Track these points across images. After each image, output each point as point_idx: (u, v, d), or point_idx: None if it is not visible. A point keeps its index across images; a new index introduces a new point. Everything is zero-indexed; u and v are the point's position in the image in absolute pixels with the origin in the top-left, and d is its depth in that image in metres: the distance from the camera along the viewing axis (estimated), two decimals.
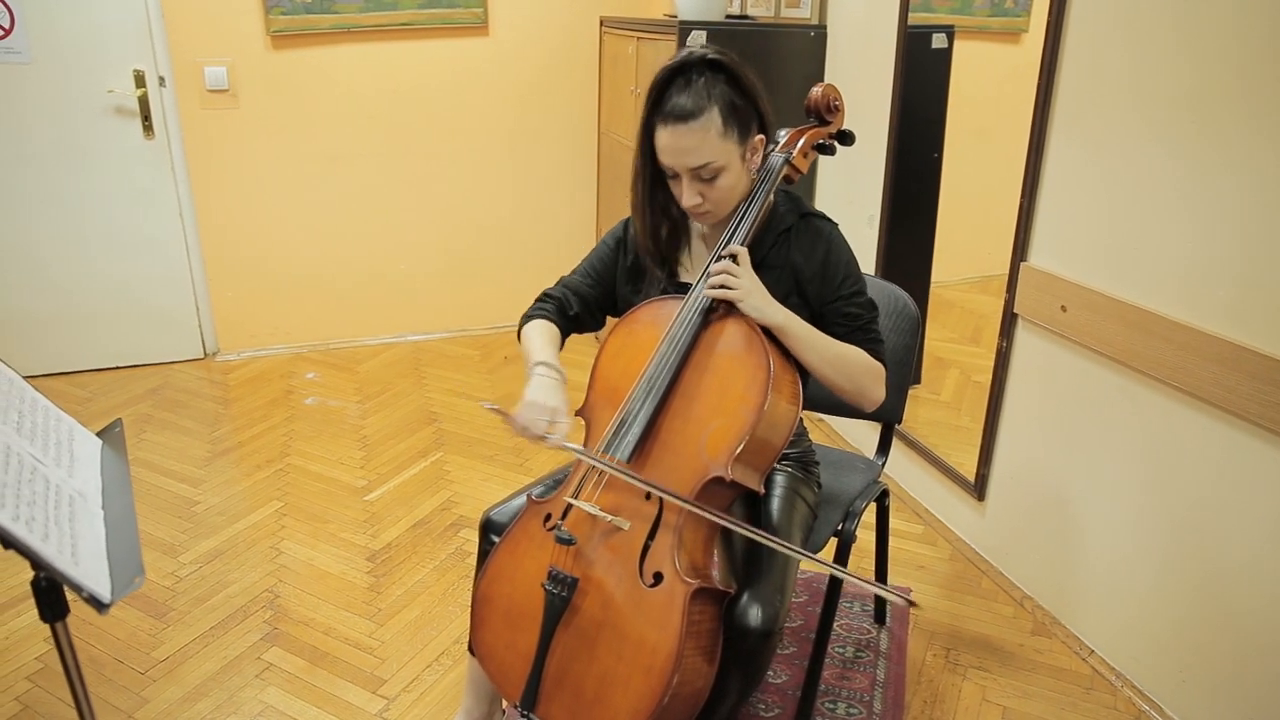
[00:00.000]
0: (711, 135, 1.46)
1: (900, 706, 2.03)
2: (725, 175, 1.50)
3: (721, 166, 1.49)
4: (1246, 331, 1.71)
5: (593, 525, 1.47)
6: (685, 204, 1.53)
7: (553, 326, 1.68)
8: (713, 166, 1.48)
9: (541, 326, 1.67)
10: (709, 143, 1.46)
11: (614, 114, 3.89)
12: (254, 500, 2.85)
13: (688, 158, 1.47)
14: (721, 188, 1.51)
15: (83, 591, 1.00)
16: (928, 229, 2.84)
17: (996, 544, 2.51)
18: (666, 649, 1.35)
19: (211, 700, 2.02)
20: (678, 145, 1.47)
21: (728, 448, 1.43)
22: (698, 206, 1.53)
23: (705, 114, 1.45)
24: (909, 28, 2.66)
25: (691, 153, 1.47)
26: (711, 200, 1.52)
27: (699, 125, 1.45)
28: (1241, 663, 1.81)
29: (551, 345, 1.64)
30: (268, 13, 3.56)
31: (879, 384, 1.58)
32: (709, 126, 1.45)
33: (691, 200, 1.52)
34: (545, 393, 1.52)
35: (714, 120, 1.46)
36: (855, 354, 1.56)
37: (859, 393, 1.57)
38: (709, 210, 1.54)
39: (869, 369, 1.56)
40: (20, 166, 3.46)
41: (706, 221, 1.60)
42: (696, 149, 1.46)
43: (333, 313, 4.09)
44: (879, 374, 1.58)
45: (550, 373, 1.56)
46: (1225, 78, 1.70)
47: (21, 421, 1.19)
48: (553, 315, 1.70)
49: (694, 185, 1.50)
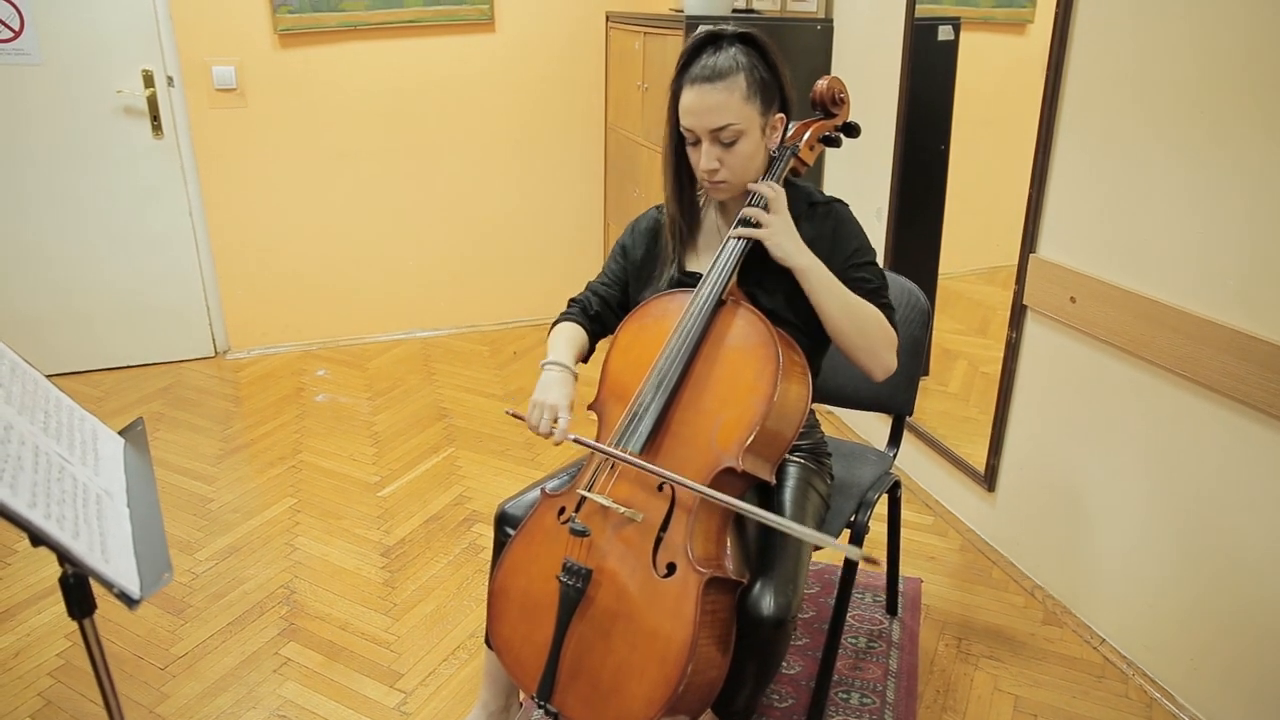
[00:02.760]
0: (736, 97, 1.48)
1: (913, 696, 2.04)
2: (744, 141, 1.51)
3: (742, 130, 1.50)
4: (1255, 321, 1.72)
5: (606, 517, 1.49)
6: (703, 167, 1.54)
7: (576, 327, 1.72)
8: (733, 129, 1.50)
9: (563, 329, 1.71)
10: (732, 104, 1.48)
11: (621, 109, 3.90)
12: (268, 497, 2.87)
13: (710, 117, 1.49)
14: (740, 154, 1.52)
15: (113, 588, 1.02)
16: (935, 221, 2.84)
17: (1007, 534, 2.52)
18: (681, 638, 1.37)
19: (231, 695, 2.05)
20: (702, 104, 1.49)
21: (738, 439, 1.44)
22: (714, 173, 1.54)
23: (732, 76, 1.48)
24: (915, 20, 2.67)
25: (714, 112, 1.49)
26: (729, 167, 1.53)
27: (724, 85, 1.48)
28: (1252, 650, 1.82)
29: (567, 344, 1.67)
30: (275, 11, 3.57)
31: (891, 349, 1.58)
32: (734, 88, 1.48)
33: (709, 164, 1.53)
34: (547, 390, 1.56)
35: (739, 84, 1.48)
36: (871, 310, 1.56)
37: (872, 351, 1.55)
38: (725, 180, 1.55)
39: (883, 329, 1.57)
40: (30, 167, 3.48)
41: (722, 194, 1.61)
42: (719, 109, 1.48)
43: (342, 310, 4.11)
44: (892, 338, 1.58)
45: (555, 370, 1.60)
46: (1232, 68, 1.71)
47: (48, 421, 1.21)
48: (576, 317, 1.74)
49: (713, 149, 1.52)
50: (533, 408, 1.55)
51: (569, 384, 1.59)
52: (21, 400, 1.19)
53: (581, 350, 1.71)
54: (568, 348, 1.66)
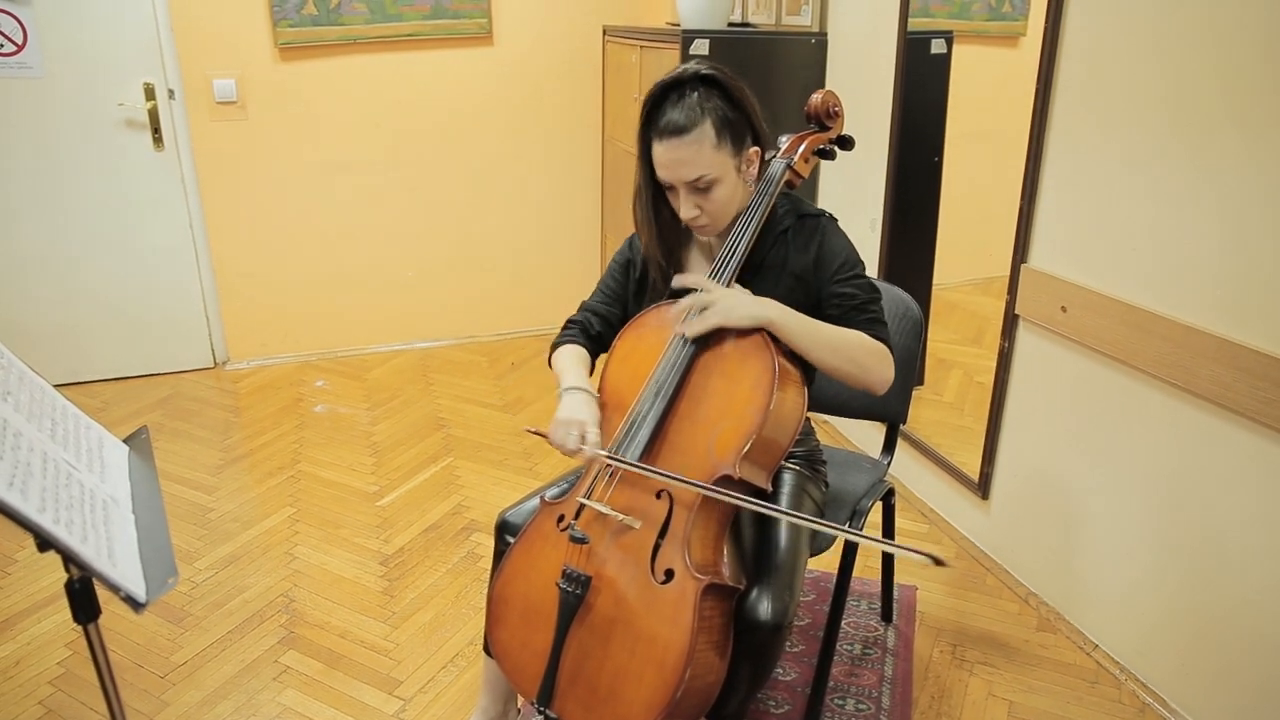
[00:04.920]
0: (705, 148, 1.50)
1: (908, 702, 2.06)
2: (720, 187, 1.54)
3: (716, 179, 1.53)
4: (1243, 329, 1.75)
5: (605, 524, 1.51)
6: (683, 216, 1.58)
7: (579, 349, 1.74)
8: (707, 179, 1.52)
9: (569, 351, 1.73)
10: (703, 155, 1.50)
11: (618, 122, 3.93)
12: (267, 506, 2.89)
13: (682, 170, 1.52)
14: (717, 200, 1.55)
15: (120, 592, 1.04)
16: (929, 232, 2.87)
17: (1001, 542, 2.54)
18: (679, 644, 1.38)
19: (231, 703, 2.06)
20: (672, 158, 1.51)
21: (735, 447, 1.46)
22: (695, 219, 1.57)
23: (698, 128, 1.49)
24: (908, 34, 2.70)
25: (686, 165, 1.51)
26: (708, 212, 1.57)
27: (691, 139, 1.49)
28: (1242, 655, 1.84)
29: (579, 365, 1.69)
30: (275, 25, 3.61)
31: (884, 364, 1.57)
32: (702, 140, 1.50)
33: (689, 213, 1.56)
34: (573, 409, 1.56)
35: (707, 134, 1.50)
36: (853, 336, 1.56)
37: (864, 374, 1.55)
38: (707, 223, 1.59)
39: (870, 349, 1.56)
40: (32, 179, 3.51)
41: (706, 234, 1.64)
42: (690, 162, 1.51)
43: (341, 321, 4.13)
44: (882, 354, 1.57)
45: (578, 393, 1.61)
46: (1217, 81, 1.74)
47: (55, 429, 1.23)
48: (578, 338, 1.76)
49: (690, 198, 1.55)
50: (558, 426, 1.54)
51: (593, 405, 1.60)
52: (29, 408, 1.21)
53: (588, 370, 1.73)
54: (582, 369, 1.68)
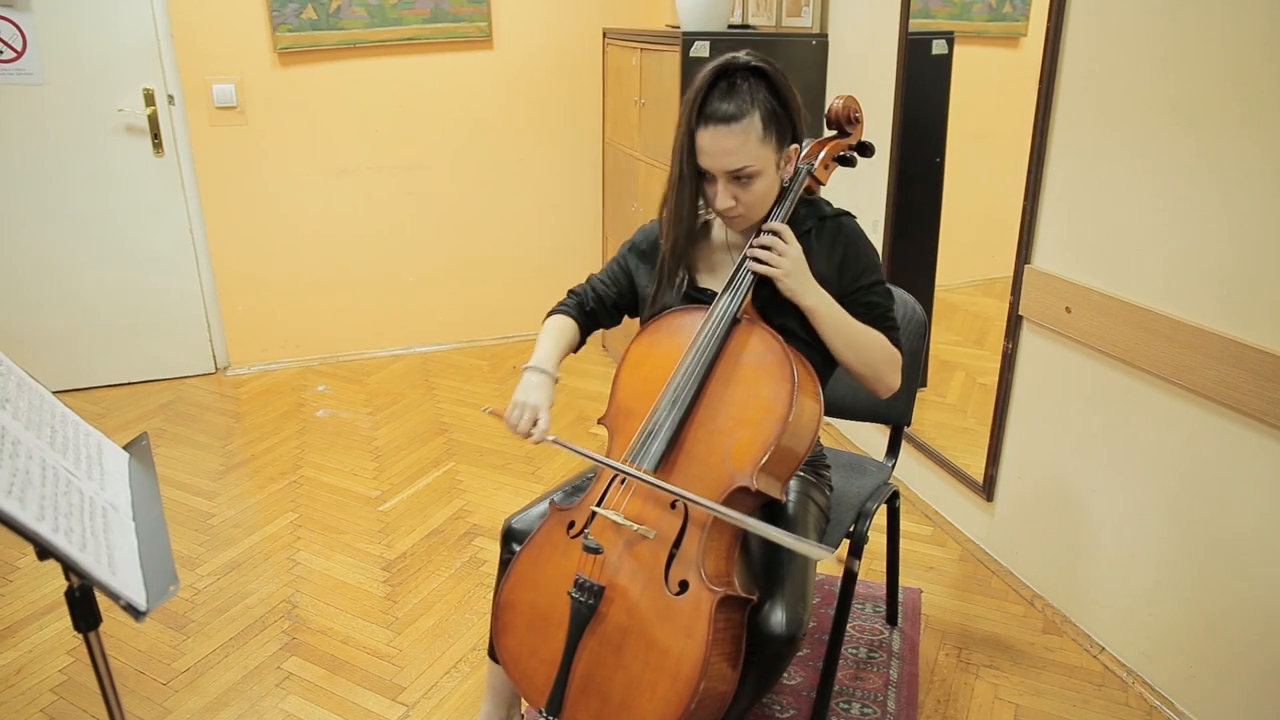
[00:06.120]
0: (752, 139, 1.48)
1: (914, 706, 2.05)
2: (760, 180, 1.53)
3: (758, 171, 1.51)
4: (1248, 329, 1.74)
5: (618, 533, 1.49)
6: (719, 206, 1.55)
7: (569, 321, 1.74)
8: (750, 170, 1.50)
9: (555, 323, 1.73)
10: (749, 146, 1.49)
11: (618, 125, 3.92)
12: (269, 512, 2.88)
13: (727, 159, 1.49)
14: (756, 192, 1.54)
15: (120, 600, 1.03)
16: (931, 233, 2.86)
17: (1006, 544, 2.53)
18: (693, 656, 1.37)
19: (233, 710, 2.05)
20: (719, 146, 1.49)
21: (753, 458, 1.45)
22: (731, 209, 1.55)
23: (747, 117, 1.47)
24: (909, 35, 2.69)
25: (732, 155, 1.49)
26: (744, 204, 1.55)
27: (740, 128, 1.47)
28: (1249, 657, 1.83)
29: (554, 344, 1.69)
30: (274, 30, 3.61)
31: (896, 371, 1.63)
32: (750, 130, 1.48)
33: (725, 203, 1.54)
34: (527, 391, 1.59)
35: (755, 125, 1.48)
36: (879, 341, 1.60)
37: (877, 378, 1.61)
38: (741, 214, 1.57)
39: (889, 356, 1.61)
40: (32, 185, 3.50)
41: (737, 227, 1.63)
42: (737, 151, 1.49)
43: (342, 325, 4.13)
44: (897, 361, 1.63)
45: (535, 373, 1.62)
46: (1221, 81, 1.73)
47: (54, 436, 1.22)
48: (571, 310, 1.76)
49: (729, 188, 1.53)
50: (513, 407, 1.58)
51: (548, 387, 1.62)
52: (28, 415, 1.20)
53: (571, 345, 1.73)
54: (554, 348, 1.68)
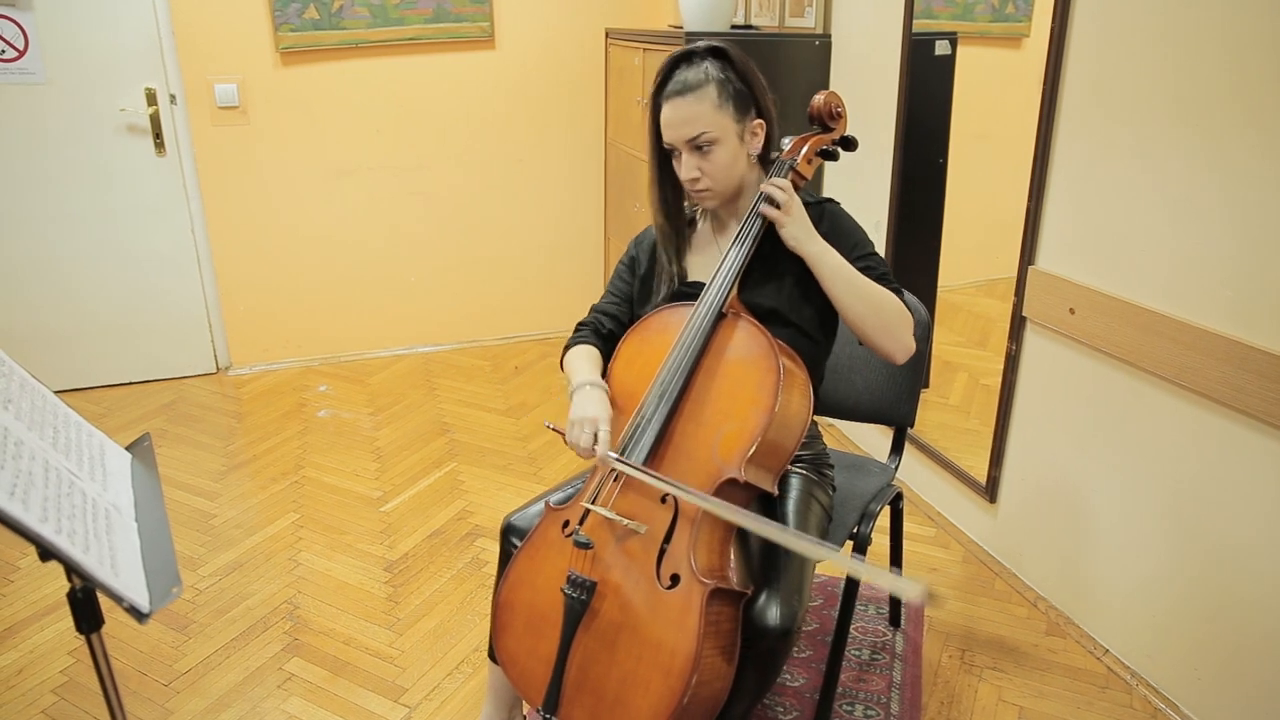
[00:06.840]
0: (706, 106, 1.54)
1: (917, 708, 2.04)
2: (720, 149, 1.56)
3: (716, 138, 1.55)
4: (1253, 331, 1.73)
5: (610, 529, 1.49)
6: (684, 177, 1.60)
7: (591, 348, 1.73)
8: (707, 136, 1.55)
9: (580, 350, 1.72)
10: (704, 113, 1.54)
11: (621, 125, 3.92)
12: (270, 513, 2.88)
13: (684, 129, 1.56)
14: (717, 162, 1.57)
15: (123, 602, 1.03)
16: (934, 234, 2.86)
17: (1009, 546, 2.52)
18: (685, 650, 1.37)
19: (235, 711, 2.04)
20: (677, 116, 1.56)
21: (740, 450, 1.46)
22: (696, 181, 1.59)
23: (702, 87, 1.54)
24: (913, 35, 2.69)
25: (687, 123, 1.55)
26: (709, 175, 1.58)
27: (694, 97, 1.55)
28: (1254, 659, 1.83)
29: (590, 363, 1.68)
30: (276, 29, 3.60)
31: (909, 328, 1.57)
32: (704, 98, 1.55)
33: (689, 173, 1.59)
34: (584, 406, 1.55)
35: (709, 93, 1.55)
36: (884, 291, 1.57)
37: (889, 332, 1.55)
38: (708, 187, 1.59)
39: (898, 309, 1.57)
40: (34, 184, 3.50)
41: (707, 201, 1.65)
42: (692, 119, 1.55)
43: (343, 325, 4.12)
44: (908, 317, 1.58)
45: (590, 389, 1.59)
46: (1225, 81, 1.73)
47: (57, 437, 1.22)
48: (589, 338, 1.75)
49: (691, 158, 1.58)
50: (572, 425, 1.53)
51: (603, 400, 1.58)
52: (31, 416, 1.20)
53: (600, 365, 1.71)
54: (591, 365, 1.67)
